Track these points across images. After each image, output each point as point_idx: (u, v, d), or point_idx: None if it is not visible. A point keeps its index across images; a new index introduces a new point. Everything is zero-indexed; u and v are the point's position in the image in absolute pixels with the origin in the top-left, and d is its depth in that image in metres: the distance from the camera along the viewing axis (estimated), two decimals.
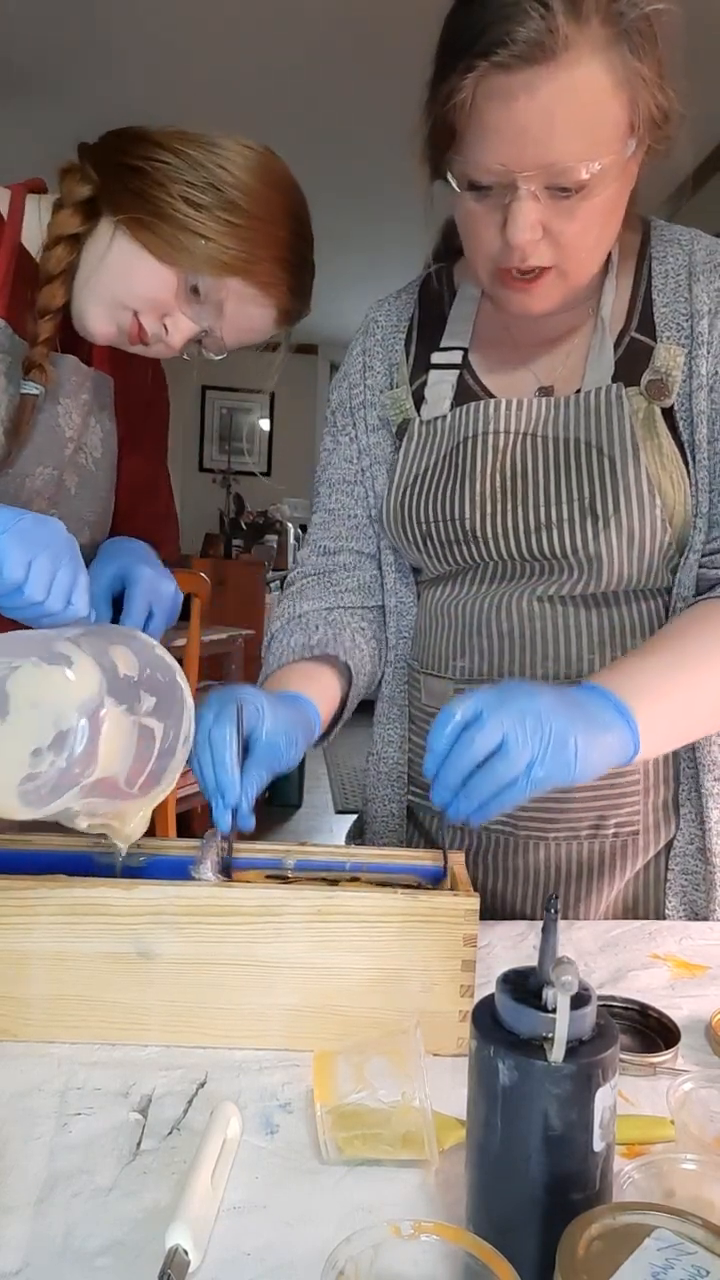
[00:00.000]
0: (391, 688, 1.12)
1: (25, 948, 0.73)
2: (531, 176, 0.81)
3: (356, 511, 1.12)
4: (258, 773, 0.83)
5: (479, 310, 1.06)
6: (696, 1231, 0.46)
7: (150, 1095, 0.68)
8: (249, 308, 0.99)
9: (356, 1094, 0.66)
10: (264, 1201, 0.59)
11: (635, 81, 0.80)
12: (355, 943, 0.73)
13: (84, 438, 1.10)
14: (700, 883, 1.01)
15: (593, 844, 1.00)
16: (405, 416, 1.06)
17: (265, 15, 3.01)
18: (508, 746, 0.71)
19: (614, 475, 0.92)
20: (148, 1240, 0.55)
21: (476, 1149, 0.52)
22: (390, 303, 1.13)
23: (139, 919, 0.73)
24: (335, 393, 1.15)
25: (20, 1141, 0.63)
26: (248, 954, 0.73)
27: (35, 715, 0.69)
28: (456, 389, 1.03)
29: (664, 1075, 0.71)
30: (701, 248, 0.98)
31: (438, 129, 0.85)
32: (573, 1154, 0.50)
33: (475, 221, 0.88)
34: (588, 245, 0.87)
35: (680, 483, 0.93)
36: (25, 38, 3.35)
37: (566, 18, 0.76)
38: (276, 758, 0.85)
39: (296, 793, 4.69)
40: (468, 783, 0.72)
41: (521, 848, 1.01)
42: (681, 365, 0.94)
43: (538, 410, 0.97)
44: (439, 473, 1.01)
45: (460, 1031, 0.74)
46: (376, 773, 1.14)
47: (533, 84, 0.78)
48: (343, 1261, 0.45)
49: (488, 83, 0.79)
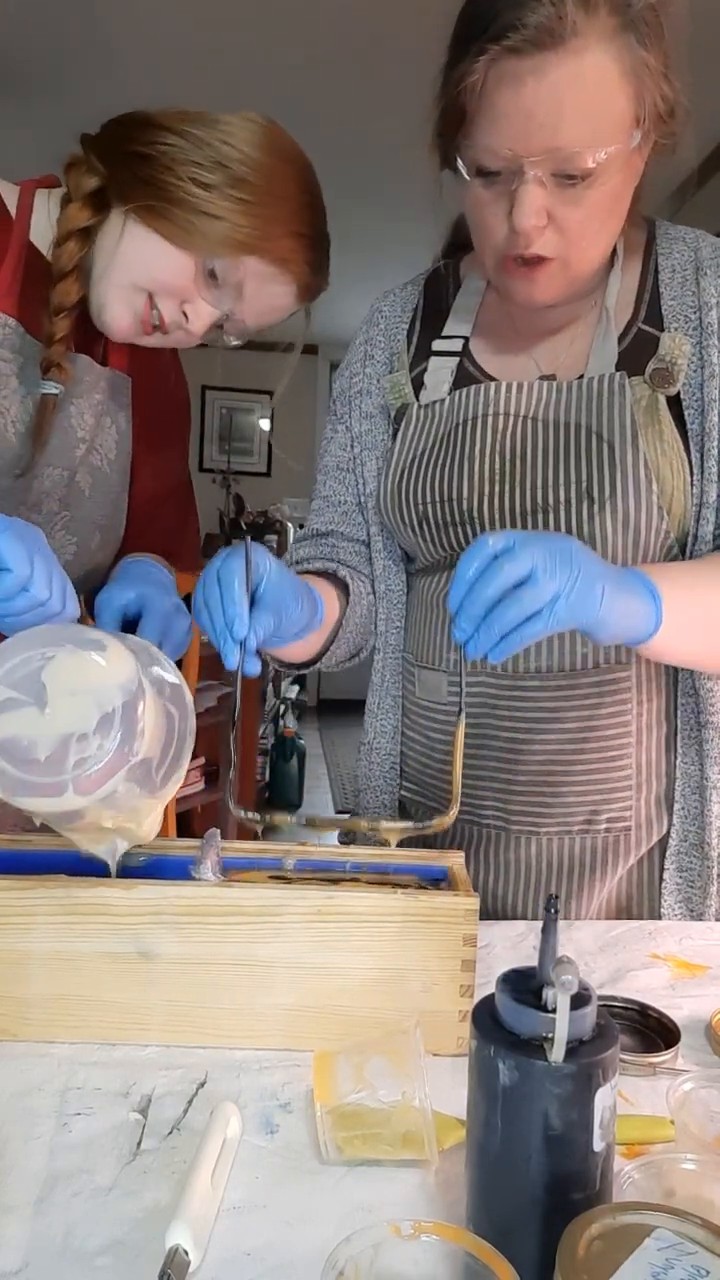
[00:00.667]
0: (383, 678, 1.13)
1: (25, 948, 0.73)
2: (538, 162, 0.83)
3: (347, 498, 1.13)
4: (265, 616, 0.83)
5: (483, 301, 1.07)
6: (696, 1231, 0.46)
7: (150, 1095, 0.68)
8: (268, 286, 0.98)
9: (356, 1094, 0.66)
10: (264, 1201, 0.59)
11: (641, 72, 0.82)
12: (355, 943, 0.73)
13: (97, 438, 1.09)
14: (697, 879, 1.01)
15: (585, 839, 1.00)
16: (404, 401, 1.06)
17: (266, 15, 3.01)
18: (536, 576, 0.71)
19: (612, 460, 0.93)
20: (148, 1240, 0.55)
21: (476, 1149, 0.52)
22: (395, 294, 1.15)
23: (139, 919, 0.73)
24: (337, 382, 1.17)
25: (20, 1141, 0.63)
26: (248, 954, 0.73)
27: (76, 702, 0.70)
28: (456, 374, 1.04)
29: (664, 1075, 0.71)
30: (707, 245, 1.00)
31: (448, 113, 0.87)
32: (573, 1154, 0.50)
33: (482, 208, 0.89)
34: (591, 234, 0.89)
35: (680, 471, 0.94)
36: (25, 37, 3.35)
37: (576, 6, 0.79)
38: (283, 607, 0.85)
39: (296, 793, 4.69)
40: (490, 613, 0.72)
41: (514, 843, 1.01)
42: (688, 354, 0.95)
43: (538, 394, 0.98)
44: (438, 454, 1.01)
45: (460, 1031, 0.74)
46: (369, 764, 1.14)
47: (541, 68, 0.80)
48: (343, 1261, 0.45)
49: (498, 66, 0.81)
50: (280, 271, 0.97)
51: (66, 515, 1.06)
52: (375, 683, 1.13)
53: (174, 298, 0.97)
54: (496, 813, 1.01)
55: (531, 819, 1.00)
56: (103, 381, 1.08)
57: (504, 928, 0.97)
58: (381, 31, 3.00)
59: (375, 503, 1.09)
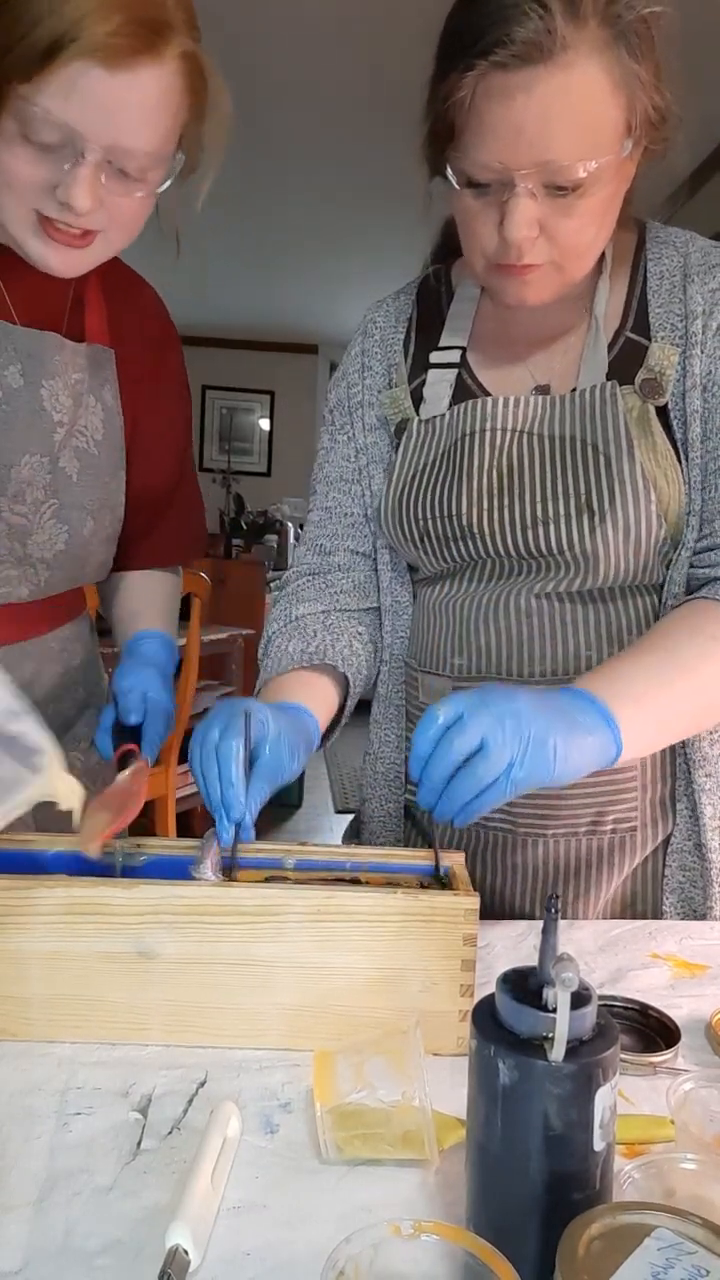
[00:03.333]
0: (388, 687, 1.12)
1: (25, 947, 0.73)
2: (528, 174, 0.82)
3: (353, 510, 1.12)
4: (261, 786, 0.84)
5: (477, 309, 1.07)
6: (696, 1231, 0.46)
7: (150, 1095, 0.68)
8: (100, 89, 0.81)
9: (356, 1094, 0.66)
10: (264, 1201, 0.59)
11: (632, 83, 0.82)
12: (355, 942, 0.73)
13: (79, 420, 1.05)
14: (698, 879, 1.01)
15: (591, 840, 1.00)
16: (404, 416, 1.06)
17: (265, 20, 3.01)
18: (488, 748, 0.72)
19: (609, 471, 0.93)
20: (148, 1240, 0.55)
21: (476, 1149, 0.52)
22: (388, 304, 1.14)
23: (139, 919, 0.73)
24: (333, 392, 1.15)
25: (20, 1141, 0.63)
26: (248, 954, 0.73)
27: None
28: (455, 388, 1.04)
29: (664, 1075, 0.71)
30: (696, 249, 0.99)
31: (437, 126, 0.86)
32: (573, 1154, 0.50)
33: (473, 218, 0.89)
34: (584, 243, 0.89)
35: (674, 480, 0.94)
36: None
37: (565, 19, 0.78)
38: (280, 771, 0.86)
39: (296, 793, 4.69)
40: (449, 786, 0.73)
41: (520, 845, 1.01)
42: (675, 365, 0.95)
43: (534, 408, 0.98)
44: (437, 470, 1.01)
45: (460, 1031, 0.74)
46: (373, 772, 1.14)
47: (530, 84, 0.79)
48: (343, 1261, 0.45)
49: (487, 82, 0.80)
50: (94, 65, 0.80)
51: (55, 503, 1.04)
52: (380, 693, 1.13)
53: (34, 190, 0.86)
54: (503, 815, 1.01)
55: (538, 822, 1.00)
56: (79, 359, 1.05)
57: (504, 927, 0.97)
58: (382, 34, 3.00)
59: (379, 516, 1.09)
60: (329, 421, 1.15)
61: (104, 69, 0.80)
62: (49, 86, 0.81)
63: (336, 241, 5.04)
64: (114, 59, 0.80)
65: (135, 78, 0.82)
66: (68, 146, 0.84)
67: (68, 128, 0.82)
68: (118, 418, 1.11)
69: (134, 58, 0.81)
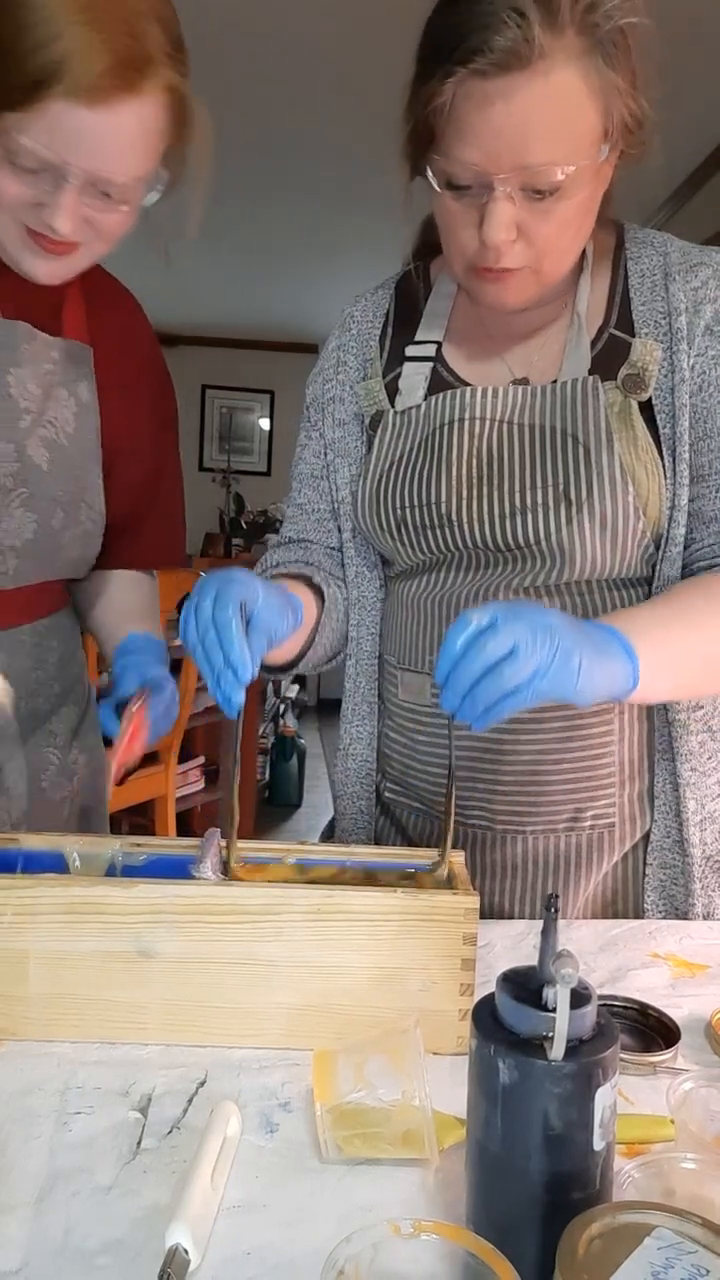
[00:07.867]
0: (357, 684, 1.12)
1: (25, 947, 0.73)
2: (507, 178, 0.84)
3: (320, 505, 1.13)
4: (259, 641, 0.83)
5: (454, 305, 1.08)
6: (696, 1231, 0.46)
7: (150, 1094, 0.69)
8: (81, 126, 0.84)
9: (356, 1093, 0.66)
10: (264, 1201, 0.59)
11: (609, 90, 0.84)
12: (355, 942, 0.73)
13: (48, 410, 1.05)
14: (679, 876, 1.02)
15: (570, 837, 1.01)
16: (379, 408, 1.07)
17: (260, 21, 3.01)
18: (517, 654, 0.72)
19: (588, 462, 0.94)
20: (148, 1239, 0.55)
21: (476, 1148, 0.52)
22: (366, 299, 1.15)
23: (139, 918, 0.73)
24: (310, 388, 1.16)
25: (20, 1141, 0.63)
26: (248, 953, 0.73)
27: None
28: (430, 380, 1.04)
29: (664, 1074, 0.71)
30: (675, 249, 1.00)
31: (418, 129, 0.88)
32: (573, 1153, 0.50)
33: (453, 219, 0.90)
34: (562, 246, 0.90)
35: (654, 474, 0.94)
36: None
37: (543, 28, 0.79)
38: (273, 628, 0.85)
39: (296, 793, 4.69)
40: (475, 687, 0.73)
41: (499, 841, 1.01)
42: (659, 360, 0.95)
43: (514, 398, 0.99)
44: (414, 459, 1.02)
45: (460, 1030, 0.74)
46: (345, 770, 1.14)
47: (509, 90, 0.81)
48: (343, 1260, 0.45)
49: (466, 88, 0.82)
50: (75, 105, 0.82)
51: (24, 492, 1.03)
52: (349, 689, 1.13)
53: (21, 205, 0.90)
54: (482, 813, 1.01)
55: (517, 818, 1.00)
56: (52, 351, 1.05)
57: (504, 927, 0.97)
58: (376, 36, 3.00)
59: (349, 509, 1.09)
60: (305, 418, 1.16)
61: (86, 108, 0.83)
62: (33, 124, 0.84)
63: (337, 241, 5.04)
64: (95, 98, 0.83)
65: (114, 114, 0.85)
66: (50, 172, 0.87)
67: (49, 161, 0.86)
68: (94, 415, 1.11)
69: (115, 94, 0.84)
